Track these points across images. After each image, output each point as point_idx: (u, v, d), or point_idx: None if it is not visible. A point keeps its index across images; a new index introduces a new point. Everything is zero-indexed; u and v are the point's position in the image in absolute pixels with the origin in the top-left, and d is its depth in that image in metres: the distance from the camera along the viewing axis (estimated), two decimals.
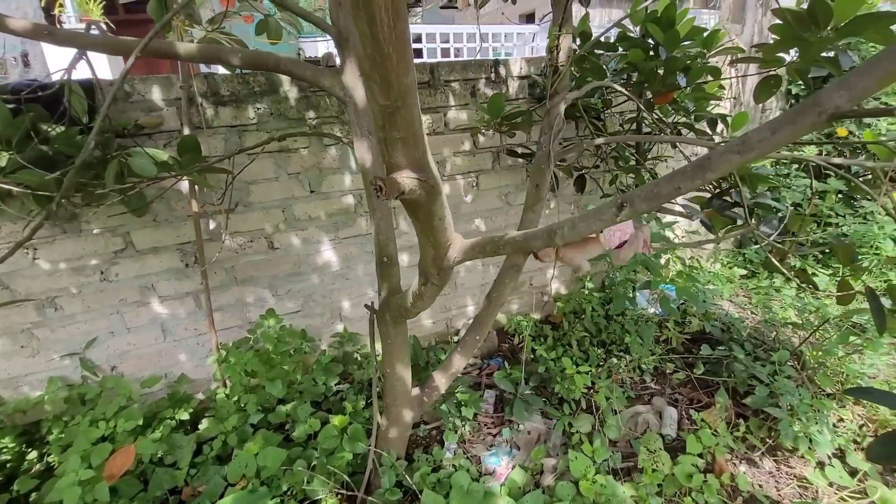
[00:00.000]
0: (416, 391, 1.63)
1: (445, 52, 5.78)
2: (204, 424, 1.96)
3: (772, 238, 1.22)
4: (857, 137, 3.32)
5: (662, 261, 2.71)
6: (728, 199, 1.76)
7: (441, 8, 8.44)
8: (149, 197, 1.84)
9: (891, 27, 1.33)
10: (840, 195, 3.11)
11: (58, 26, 4.37)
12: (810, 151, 3.34)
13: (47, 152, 1.59)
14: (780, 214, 1.74)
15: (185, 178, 1.72)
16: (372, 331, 1.54)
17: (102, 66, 4.39)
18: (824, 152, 3.32)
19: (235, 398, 2.02)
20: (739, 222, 1.71)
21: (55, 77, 1.57)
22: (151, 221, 1.99)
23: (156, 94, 1.87)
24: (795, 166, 3.32)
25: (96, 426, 1.67)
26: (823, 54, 1.51)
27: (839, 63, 1.43)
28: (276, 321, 2.11)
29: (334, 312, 2.50)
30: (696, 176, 0.57)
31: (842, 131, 3.16)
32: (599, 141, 1.37)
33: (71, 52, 1.37)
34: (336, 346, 2.47)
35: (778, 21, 1.50)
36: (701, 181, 0.57)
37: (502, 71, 2.44)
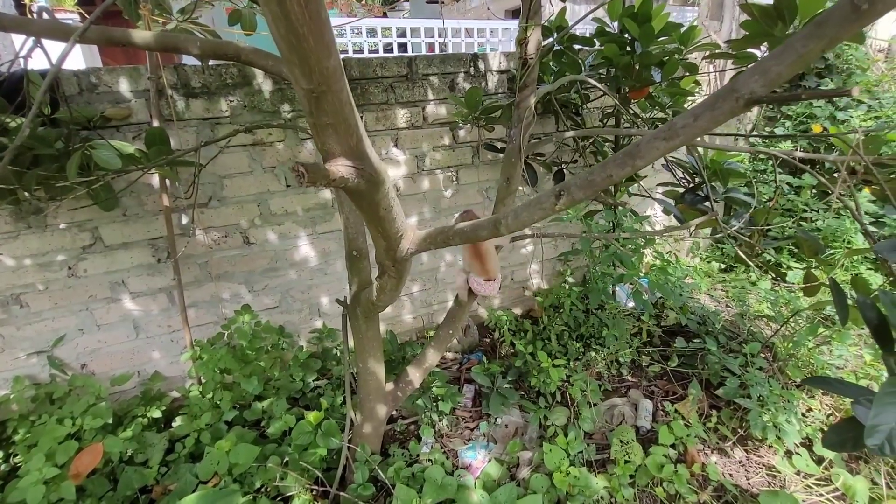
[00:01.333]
0: (390, 386, 1.63)
1: (431, 47, 5.75)
2: (177, 422, 1.93)
3: (734, 229, 1.24)
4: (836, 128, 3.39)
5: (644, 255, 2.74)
6: (700, 193, 1.78)
7: (427, 2, 8.38)
8: (117, 190, 1.80)
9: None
10: (814, 190, 3.17)
11: (29, 16, 4.25)
12: (785, 146, 3.39)
13: (7, 144, 1.54)
14: (753, 209, 1.76)
15: (152, 171, 1.69)
16: (345, 326, 1.52)
17: (76, 57, 4.28)
18: (799, 147, 3.39)
19: (209, 395, 1.99)
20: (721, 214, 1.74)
21: (15, 66, 1.52)
22: (121, 216, 1.95)
23: (123, 86, 1.82)
24: (772, 161, 3.37)
25: (63, 424, 1.63)
26: None
27: None
28: (250, 317, 2.08)
29: (313, 308, 2.48)
30: (626, 163, 0.57)
31: (816, 128, 3.21)
32: (569, 134, 1.38)
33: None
34: (315, 342, 2.45)
35: (748, 18, 1.52)
36: (631, 168, 0.57)
37: (481, 65, 2.43)
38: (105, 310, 2.04)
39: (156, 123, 1.85)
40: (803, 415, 1.95)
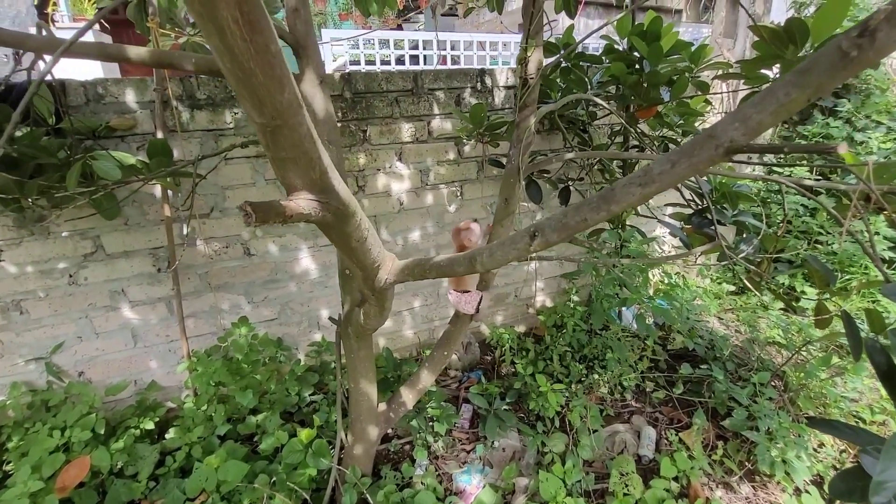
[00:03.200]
0: (382, 407, 1.59)
1: (443, 59, 5.77)
2: (170, 434, 1.92)
3: (741, 256, 1.19)
4: (852, 154, 3.29)
5: (650, 277, 2.67)
6: (708, 216, 1.73)
7: (442, 15, 8.45)
8: (119, 199, 1.81)
9: None
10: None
11: (50, 25, 4.37)
12: (800, 168, 3.31)
13: (11, 153, 1.55)
14: (762, 233, 1.70)
15: (153, 181, 1.69)
16: (338, 344, 1.50)
17: (94, 68, 4.37)
18: (815, 170, 3.30)
19: (203, 408, 1.97)
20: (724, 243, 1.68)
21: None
22: (123, 225, 1.95)
23: (129, 97, 1.84)
24: (782, 187, 3.29)
25: (52, 436, 1.62)
26: None
27: None
28: (247, 329, 2.06)
29: (312, 321, 2.46)
30: (601, 208, 0.54)
31: None
32: (569, 156, 1.34)
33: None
34: (313, 356, 2.43)
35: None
36: (606, 213, 0.54)
37: (488, 81, 2.41)
38: (104, 318, 2.04)
39: (160, 134, 1.86)
40: (815, 450, 1.86)
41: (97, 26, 4.32)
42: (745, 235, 1.74)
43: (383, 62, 5.69)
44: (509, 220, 1.38)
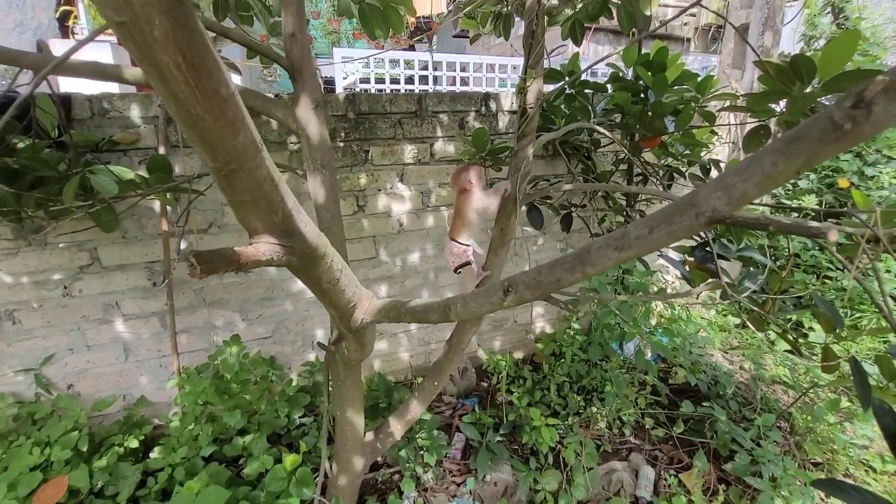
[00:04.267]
0: (370, 436, 1.54)
1: (453, 80, 5.82)
2: (154, 454, 1.87)
3: (745, 295, 1.14)
4: (861, 189, 3.24)
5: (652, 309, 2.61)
6: (710, 250, 1.68)
7: (453, 36, 8.60)
8: (118, 213, 1.81)
9: None
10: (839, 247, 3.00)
11: (71, 37, 4.49)
12: (808, 200, 3.26)
13: (12, 164, 1.56)
14: (768, 269, 1.65)
15: (149, 196, 1.69)
16: (326, 371, 1.46)
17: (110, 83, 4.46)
18: (825, 203, 3.24)
19: (190, 427, 1.93)
20: (725, 279, 1.63)
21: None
22: (120, 238, 1.95)
23: (134, 112, 1.86)
24: (795, 214, 3.24)
25: (32, 454, 1.59)
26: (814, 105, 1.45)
27: None
28: (239, 348, 2.03)
29: (307, 340, 2.42)
30: (576, 269, 0.51)
31: (843, 182, 3.08)
32: (567, 188, 1.32)
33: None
34: (306, 376, 2.38)
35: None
36: (581, 275, 0.51)
37: (492, 105, 2.41)
38: (96, 331, 2.02)
39: (162, 150, 1.87)
40: (822, 499, 1.77)
41: (115, 39, 4.42)
42: (750, 271, 1.69)
43: (393, 81, 5.76)
44: (504, 251, 1.35)
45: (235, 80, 4.45)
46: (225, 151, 0.47)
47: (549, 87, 1.62)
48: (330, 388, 1.62)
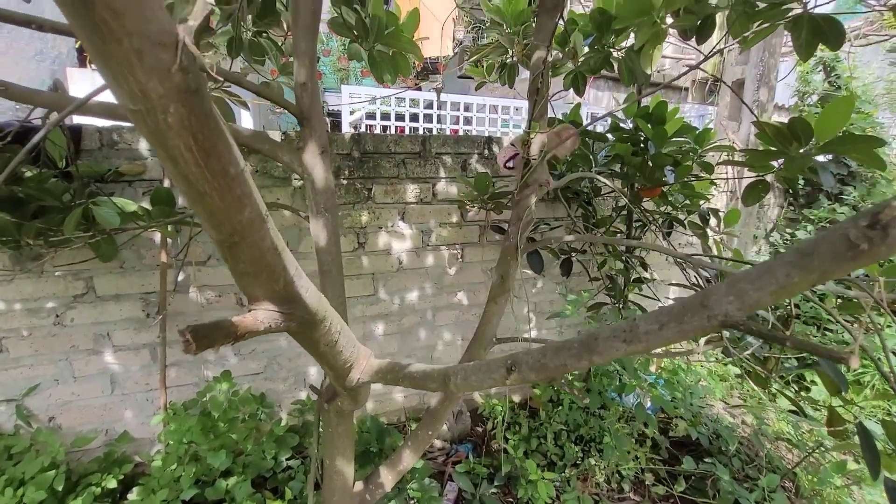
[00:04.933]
0: (359, 486, 1.48)
1: (457, 119, 5.97)
2: (132, 495, 1.79)
3: (746, 354, 1.12)
4: None
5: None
6: None
7: (458, 77, 8.88)
8: (119, 244, 1.81)
9: (874, 149, 1.31)
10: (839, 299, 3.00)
11: (88, 66, 4.62)
12: None
13: (17, 193, 1.57)
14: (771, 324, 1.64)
15: (148, 229, 1.69)
16: (317, 416, 1.41)
17: None
18: None
19: (172, 467, 1.85)
20: (726, 333, 1.61)
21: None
22: (118, 268, 1.94)
23: (142, 144, 1.88)
24: None
25: (5, 493, 1.52)
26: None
27: (821, 180, 1.39)
28: (228, 385, 1.98)
29: (299, 378, 2.37)
30: (582, 357, 0.50)
31: None
32: (568, 238, 1.32)
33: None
34: (296, 415, 2.31)
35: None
36: (587, 363, 0.50)
37: (495, 148, 2.46)
38: (84, 361, 1.98)
39: (167, 183, 1.89)
40: None
41: None
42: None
43: (398, 117, 5.90)
44: (504, 299, 1.34)
45: (245, 115, 4.54)
46: (230, 226, 0.48)
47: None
48: (320, 430, 1.57)
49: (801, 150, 1.38)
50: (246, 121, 4.75)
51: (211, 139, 0.38)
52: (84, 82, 3.57)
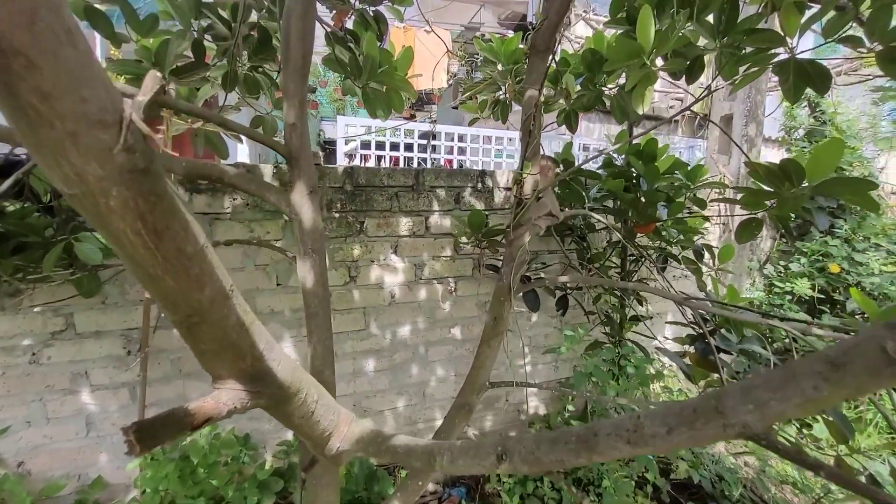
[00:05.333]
0: None
1: (451, 150, 6.04)
2: None
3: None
4: (851, 274, 3.26)
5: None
6: (710, 342, 1.64)
7: (452, 107, 9.04)
8: (102, 280, 1.75)
9: (867, 192, 1.31)
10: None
11: None
12: (801, 284, 3.27)
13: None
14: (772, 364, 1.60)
15: None
16: (302, 458, 1.34)
17: None
18: (817, 287, 3.26)
19: None
20: (726, 375, 1.57)
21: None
22: (99, 304, 1.88)
23: None
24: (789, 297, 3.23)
25: None
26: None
27: (815, 221, 1.39)
28: (211, 428, 1.89)
29: None
30: (580, 454, 0.46)
31: (834, 267, 3.11)
32: (563, 279, 1.29)
33: None
34: (281, 456, 2.21)
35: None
36: (586, 460, 0.47)
37: (488, 181, 2.46)
38: (59, 402, 1.89)
39: None
40: None
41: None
42: (750, 365, 1.64)
43: (393, 147, 5.96)
44: (497, 341, 1.30)
45: (238, 147, 4.56)
46: (188, 306, 0.44)
47: None
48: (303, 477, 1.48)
49: (794, 191, 1.37)
50: (242, 151, 4.77)
51: (163, 220, 0.35)
52: None
